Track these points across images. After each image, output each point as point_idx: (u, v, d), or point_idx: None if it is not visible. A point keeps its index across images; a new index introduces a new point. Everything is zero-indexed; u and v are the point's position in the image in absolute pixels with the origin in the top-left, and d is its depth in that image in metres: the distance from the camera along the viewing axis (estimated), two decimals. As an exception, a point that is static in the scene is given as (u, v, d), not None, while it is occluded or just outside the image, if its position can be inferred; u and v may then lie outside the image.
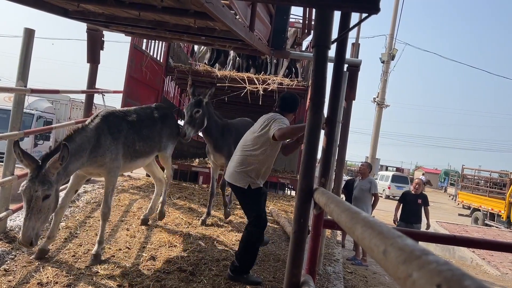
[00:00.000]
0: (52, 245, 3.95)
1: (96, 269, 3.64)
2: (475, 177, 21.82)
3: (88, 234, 4.40)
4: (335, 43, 2.40)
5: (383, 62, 17.56)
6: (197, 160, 8.99)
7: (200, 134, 5.45)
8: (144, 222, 4.93)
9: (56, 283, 3.32)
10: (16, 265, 3.49)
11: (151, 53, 8.06)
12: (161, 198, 5.06)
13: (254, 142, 3.75)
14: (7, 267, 3.44)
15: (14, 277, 3.30)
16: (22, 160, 3.02)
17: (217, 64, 10.33)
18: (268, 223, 5.70)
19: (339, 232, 7.64)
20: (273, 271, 4.09)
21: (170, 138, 4.89)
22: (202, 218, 5.34)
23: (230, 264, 3.77)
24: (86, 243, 4.14)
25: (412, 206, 7.39)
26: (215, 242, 4.61)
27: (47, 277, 3.37)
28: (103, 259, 3.85)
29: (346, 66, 5.41)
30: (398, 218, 7.44)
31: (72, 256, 3.84)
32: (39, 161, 3.10)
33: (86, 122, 3.65)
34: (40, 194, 3.03)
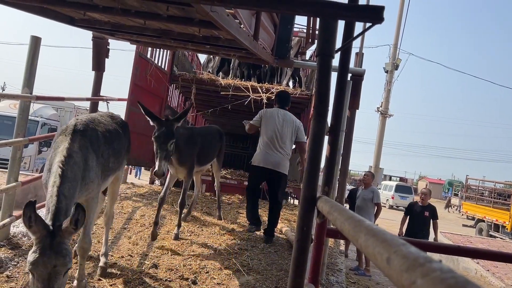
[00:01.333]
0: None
1: (98, 277, 3.64)
2: (479, 188, 21.70)
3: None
4: (339, 52, 2.42)
5: (386, 71, 17.62)
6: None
7: None
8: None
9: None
10: (18, 272, 3.49)
11: (156, 62, 8.11)
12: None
13: (290, 141, 5.24)
14: (10, 273, 3.43)
15: (16, 283, 3.29)
16: (32, 225, 2.21)
17: (220, 73, 10.39)
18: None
19: (342, 241, 7.61)
20: (276, 280, 4.06)
21: (126, 155, 3.92)
22: (175, 231, 4.84)
23: (268, 235, 5.24)
24: (88, 250, 4.14)
25: (419, 219, 7.01)
26: (217, 251, 4.59)
27: None
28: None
29: (350, 75, 5.42)
30: (404, 233, 7.06)
31: (75, 263, 3.84)
32: (50, 226, 2.30)
33: (67, 144, 2.80)
34: (60, 269, 2.25)
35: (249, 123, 5.41)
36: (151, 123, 4.17)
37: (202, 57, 11.90)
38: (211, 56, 10.36)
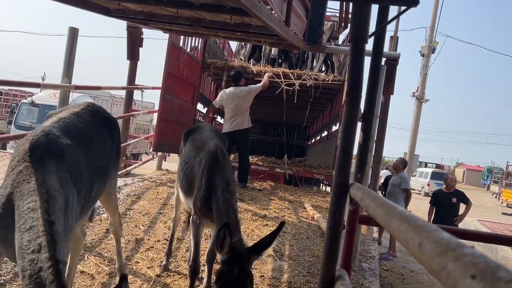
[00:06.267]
0: (95, 235, 4.13)
1: (136, 259, 3.78)
2: (521, 175, 20.86)
3: (128, 225, 4.56)
4: (373, 37, 2.37)
5: (422, 55, 17.09)
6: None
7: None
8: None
9: (99, 272, 3.47)
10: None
11: (188, 50, 8.19)
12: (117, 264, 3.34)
13: (246, 107, 7.00)
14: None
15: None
16: None
17: (252, 60, 10.38)
18: (302, 218, 5.71)
19: (375, 229, 7.54)
20: (308, 266, 4.10)
21: (117, 163, 3.04)
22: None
23: (243, 181, 6.94)
24: (126, 234, 4.30)
25: (447, 206, 6.76)
26: (250, 236, 4.66)
27: (90, 266, 3.52)
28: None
29: (384, 60, 5.31)
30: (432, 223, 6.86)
31: (113, 246, 4.00)
32: None
33: (43, 179, 1.83)
34: None
35: (212, 104, 7.23)
36: (219, 254, 2.41)
37: (233, 45, 11.93)
38: (243, 43, 10.37)
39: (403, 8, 2.14)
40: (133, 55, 7.06)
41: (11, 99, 21.75)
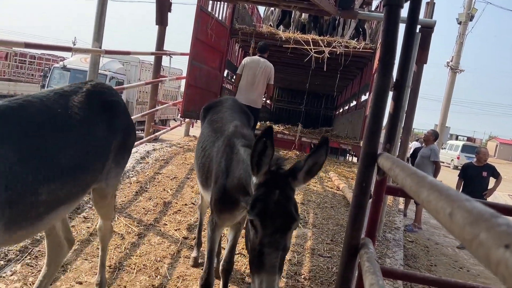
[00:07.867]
0: (125, 197, 4.27)
1: (164, 222, 3.90)
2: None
3: (157, 189, 4.68)
4: (408, 2, 2.27)
5: (459, 23, 16.33)
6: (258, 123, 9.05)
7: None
8: None
9: (129, 232, 3.60)
10: (94, 213, 3.82)
11: (217, 15, 8.09)
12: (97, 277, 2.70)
13: (263, 84, 6.22)
14: (86, 215, 3.78)
15: (92, 224, 3.62)
16: None
17: (281, 26, 10.18)
18: (327, 188, 5.72)
19: (401, 200, 7.48)
20: (332, 234, 4.13)
21: (121, 157, 2.46)
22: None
23: None
24: (155, 197, 4.42)
25: (476, 180, 6.63)
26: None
27: (120, 227, 3.66)
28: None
29: (418, 27, 5.10)
30: None
31: (143, 208, 4.13)
32: None
33: None
34: None
35: (237, 74, 6.34)
36: (254, 176, 1.82)
37: (262, 10, 11.69)
38: (272, 8, 10.15)
39: (442, -30, 2.03)
40: (161, 20, 7.03)
41: (44, 63, 22.21)
